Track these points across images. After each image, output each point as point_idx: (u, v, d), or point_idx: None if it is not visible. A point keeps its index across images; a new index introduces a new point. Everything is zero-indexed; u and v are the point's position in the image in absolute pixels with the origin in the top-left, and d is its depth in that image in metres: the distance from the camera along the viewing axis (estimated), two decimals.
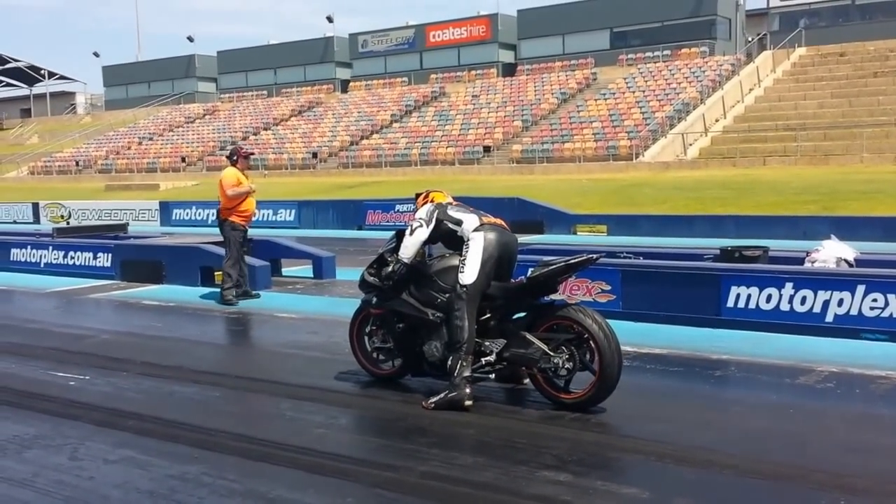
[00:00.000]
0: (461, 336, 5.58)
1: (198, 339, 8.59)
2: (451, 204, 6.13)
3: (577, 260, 5.65)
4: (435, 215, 5.95)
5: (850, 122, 30.99)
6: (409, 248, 5.90)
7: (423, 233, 5.88)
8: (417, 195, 6.42)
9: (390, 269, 5.95)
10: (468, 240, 5.74)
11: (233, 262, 10.21)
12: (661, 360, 6.96)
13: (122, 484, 4.43)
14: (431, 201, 6.19)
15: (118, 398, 6.18)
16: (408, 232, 5.92)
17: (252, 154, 10.99)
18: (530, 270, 5.72)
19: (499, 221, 5.97)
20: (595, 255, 5.93)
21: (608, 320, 5.52)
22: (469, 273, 5.64)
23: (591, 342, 5.39)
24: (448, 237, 5.96)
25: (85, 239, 14.45)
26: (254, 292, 10.48)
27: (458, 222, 5.86)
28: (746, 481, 4.27)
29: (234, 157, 10.30)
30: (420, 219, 5.94)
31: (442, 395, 5.60)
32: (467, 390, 5.56)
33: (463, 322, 5.59)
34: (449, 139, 39.87)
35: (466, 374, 5.60)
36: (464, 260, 5.69)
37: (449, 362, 5.63)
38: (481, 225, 5.80)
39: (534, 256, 7.91)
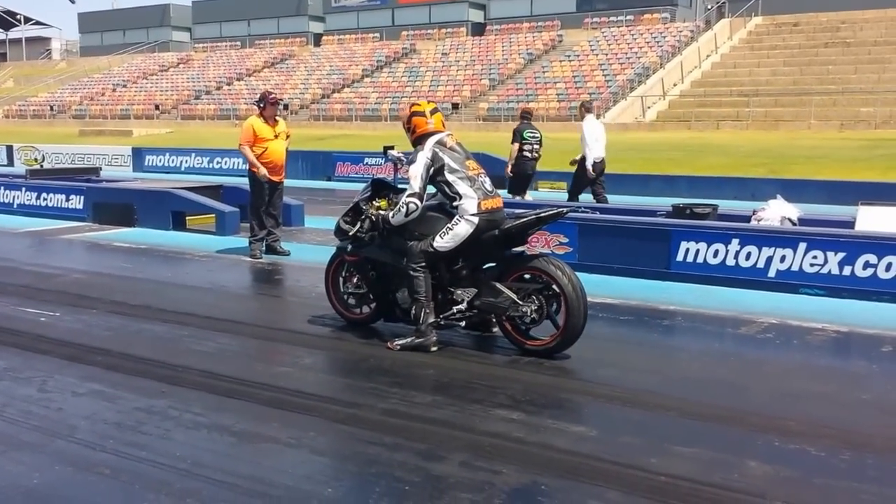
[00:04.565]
0: (419, 285, 5.74)
1: (167, 281, 8.58)
2: (448, 147, 5.97)
3: (547, 213, 5.83)
4: (430, 173, 5.85)
5: (800, 90, 31.51)
6: (398, 222, 5.90)
7: (416, 213, 5.84)
8: (412, 111, 6.14)
9: (369, 223, 6.06)
10: (461, 217, 5.75)
11: (252, 213, 9.81)
12: (613, 309, 7.18)
13: (89, 416, 4.51)
14: (425, 130, 6.04)
15: (87, 334, 6.27)
16: (403, 210, 5.80)
17: (280, 101, 10.13)
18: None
19: (497, 204, 5.89)
20: (564, 209, 6.13)
21: None
22: (446, 243, 5.75)
23: (558, 293, 5.53)
24: (443, 193, 5.93)
25: (58, 181, 14.39)
26: (282, 248, 9.89)
27: (457, 195, 5.80)
28: (688, 423, 4.48)
29: (262, 104, 9.64)
30: (413, 196, 5.77)
31: (409, 339, 5.79)
32: (433, 337, 5.76)
33: (419, 272, 5.74)
34: (418, 95, 39.52)
35: (431, 320, 5.77)
36: (446, 230, 5.75)
37: (413, 311, 5.80)
38: (479, 212, 5.73)
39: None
